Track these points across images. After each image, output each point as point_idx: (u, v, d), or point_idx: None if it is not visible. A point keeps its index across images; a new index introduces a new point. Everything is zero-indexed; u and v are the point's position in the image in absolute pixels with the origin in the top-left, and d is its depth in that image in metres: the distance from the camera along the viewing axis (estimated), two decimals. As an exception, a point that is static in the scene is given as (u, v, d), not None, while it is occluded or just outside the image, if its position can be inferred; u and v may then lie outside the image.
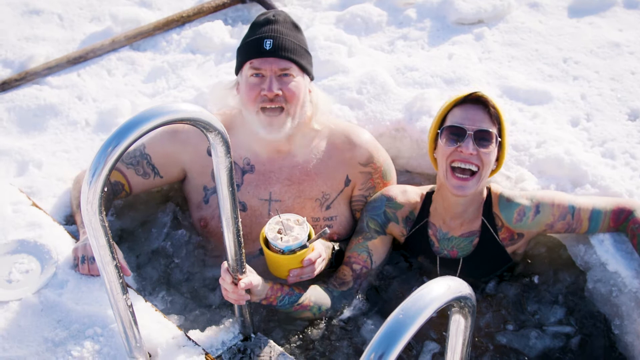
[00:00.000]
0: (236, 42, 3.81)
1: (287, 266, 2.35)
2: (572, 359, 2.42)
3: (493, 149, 2.45)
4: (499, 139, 2.49)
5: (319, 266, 2.43)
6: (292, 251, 2.30)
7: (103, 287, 2.37)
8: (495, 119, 2.48)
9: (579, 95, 3.35)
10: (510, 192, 2.64)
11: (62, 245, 2.55)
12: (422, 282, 2.67)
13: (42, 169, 3.04)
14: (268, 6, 3.97)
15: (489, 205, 2.61)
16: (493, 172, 2.58)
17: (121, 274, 1.87)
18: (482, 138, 2.43)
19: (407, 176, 3.25)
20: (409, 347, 2.50)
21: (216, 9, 4.03)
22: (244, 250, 2.16)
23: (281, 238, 2.30)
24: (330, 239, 2.71)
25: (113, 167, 1.67)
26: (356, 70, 3.49)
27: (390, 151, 3.16)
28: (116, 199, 2.83)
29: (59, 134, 3.27)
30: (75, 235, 2.63)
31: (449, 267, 2.66)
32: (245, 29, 3.91)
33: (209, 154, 2.74)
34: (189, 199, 2.88)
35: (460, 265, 2.64)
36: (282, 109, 2.56)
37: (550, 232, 2.64)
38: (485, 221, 2.60)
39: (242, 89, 2.62)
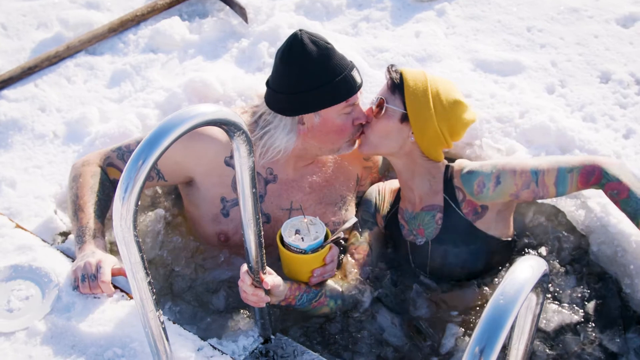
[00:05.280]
0: (197, 38, 3.70)
1: (310, 266, 2.31)
2: (592, 326, 2.45)
3: (382, 116, 2.47)
4: (400, 110, 2.46)
5: (337, 262, 2.40)
6: (315, 250, 2.26)
7: (114, 304, 2.29)
8: (397, 89, 2.47)
9: (549, 63, 3.39)
10: (473, 164, 2.58)
11: (59, 266, 2.40)
12: (398, 271, 2.69)
13: (16, 188, 2.87)
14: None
15: (449, 180, 2.57)
16: (424, 150, 2.51)
17: (154, 290, 1.77)
18: (378, 105, 2.50)
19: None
20: (431, 335, 2.50)
21: (170, 5, 3.89)
22: (264, 251, 2.10)
23: (302, 238, 2.25)
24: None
25: (146, 181, 1.58)
26: (327, 56, 3.43)
27: (375, 135, 3.13)
28: None
29: (27, 149, 3.09)
30: (70, 254, 2.49)
31: (419, 251, 2.62)
32: (203, 23, 3.83)
33: (227, 164, 2.60)
34: (198, 207, 2.69)
35: (429, 247, 2.60)
36: None
37: (518, 201, 2.57)
38: (446, 196, 2.56)
39: (329, 128, 2.47)
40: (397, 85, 2.47)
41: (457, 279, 2.61)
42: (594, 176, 2.39)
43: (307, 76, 2.39)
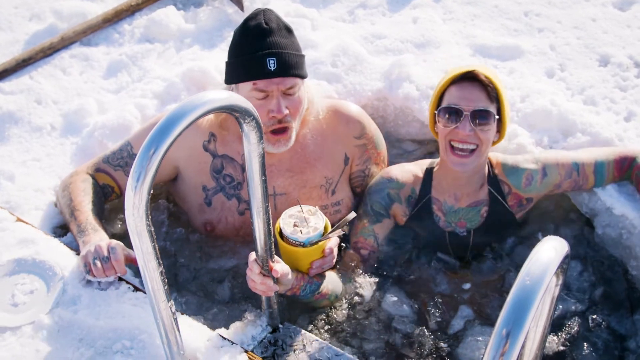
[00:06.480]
0: (193, 27, 3.66)
1: (309, 258, 2.27)
2: (599, 309, 2.46)
3: (491, 127, 2.42)
4: (497, 117, 2.44)
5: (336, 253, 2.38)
6: (314, 243, 2.22)
7: (121, 297, 2.27)
8: (494, 96, 2.42)
9: (548, 47, 3.39)
10: (513, 158, 2.63)
11: (63, 259, 2.38)
12: (435, 259, 2.67)
13: (15, 182, 2.83)
14: (219, -13, 3.82)
15: (492, 173, 2.60)
16: (494, 143, 2.55)
17: (166, 281, 1.75)
18: (480, 117, 2.40)
19: (396, 147, 3.22)
20: (443, 312, 2.49)
21: (164, -6, 3.85)
22: (273, 239, 2.08)
23: (300, 231, 2.21)
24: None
25: (158, 169, 1.55)
26: (325, 43, 3.41)
27: (376, 121, 3.11)
28: (107, 202, 2.67)
29: (24, 142, 3.05)
30: (72, 247, 2.46)
31: (459, 240, 2.64)
32: (198, 12, 3.78)
33: (205, 149, 2.60)
34: (185, 200, 2.71)
35: (471, 237, 2.63)
36: (287, 127, 2.47)
37: (558, 191, 2.64)
38: (492, 190, 2.59)
39: None
40: (493, 95, 2.43)
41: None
42: (627, 161, 2.57)
43: (232, 46, 2.46)
